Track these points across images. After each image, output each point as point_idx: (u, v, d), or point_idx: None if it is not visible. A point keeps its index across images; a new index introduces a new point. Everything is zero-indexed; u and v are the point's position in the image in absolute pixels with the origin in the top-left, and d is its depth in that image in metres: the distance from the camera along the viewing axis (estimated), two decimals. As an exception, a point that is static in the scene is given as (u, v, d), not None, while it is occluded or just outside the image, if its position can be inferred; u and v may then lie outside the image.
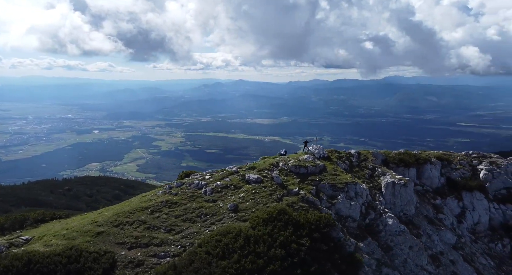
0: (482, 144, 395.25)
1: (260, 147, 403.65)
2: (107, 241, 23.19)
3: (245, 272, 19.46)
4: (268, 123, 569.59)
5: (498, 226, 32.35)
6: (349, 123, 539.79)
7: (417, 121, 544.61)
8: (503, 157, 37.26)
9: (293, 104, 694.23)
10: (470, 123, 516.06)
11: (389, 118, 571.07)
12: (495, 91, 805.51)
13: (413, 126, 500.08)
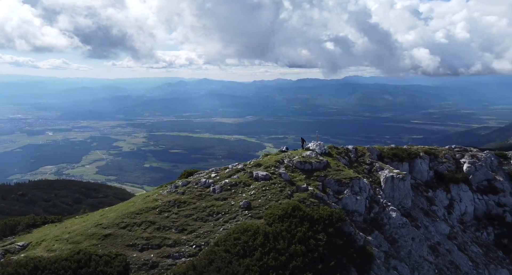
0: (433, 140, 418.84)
1: (226, 146, 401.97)
2: (116, 244, 22.19)
3: (269, 269, 19.34)
4: (234, 122, 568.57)
5: (482, 216, 34.54)
6: (312, 121, 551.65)
7: (375, 119, 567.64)
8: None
9: (258, 103, 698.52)
10: (423, 121, 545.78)
11: (350, 117, 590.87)
12: (443, 90, 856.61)
13: (372, 124, 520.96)
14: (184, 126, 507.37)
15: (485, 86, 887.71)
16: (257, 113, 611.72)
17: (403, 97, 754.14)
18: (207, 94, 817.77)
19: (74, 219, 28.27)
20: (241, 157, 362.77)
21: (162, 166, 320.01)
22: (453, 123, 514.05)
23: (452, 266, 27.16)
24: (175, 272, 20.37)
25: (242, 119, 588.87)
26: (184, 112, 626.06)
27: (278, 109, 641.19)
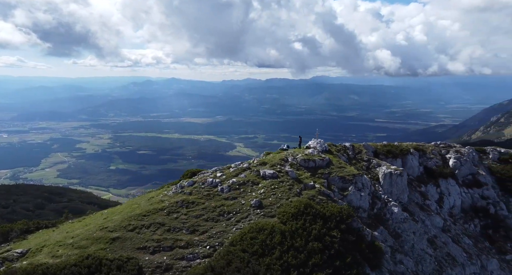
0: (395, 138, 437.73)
1: (195, 147, 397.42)
2: (125, 247, 21.36)
3: (290, 268, 19.29)
4: (203, 122, 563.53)
5: (468, 208, 36.31)
6: (282, 121, 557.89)
7: (342, 118, 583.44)
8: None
9: (227, 103, 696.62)
10: (386, 120, 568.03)
11: (318, 116, 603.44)
12: (404, 90, 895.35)
13: (339, 123, 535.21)
14: (152, 126, 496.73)
15: (441, 87, 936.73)
16: (227, 113, 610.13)
17: (367, 96, 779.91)
18: (175, 94, 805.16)
19: (70, 223, 26.89)
20: (212, 157, 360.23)
21: (129, 167, 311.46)
22: (413, 122, 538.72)
23: (449, 258, 28.36)
24: (191, 274, 19.87)
25: (212, 119, 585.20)
26: (152, 113, 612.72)
27: (248, 109, 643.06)
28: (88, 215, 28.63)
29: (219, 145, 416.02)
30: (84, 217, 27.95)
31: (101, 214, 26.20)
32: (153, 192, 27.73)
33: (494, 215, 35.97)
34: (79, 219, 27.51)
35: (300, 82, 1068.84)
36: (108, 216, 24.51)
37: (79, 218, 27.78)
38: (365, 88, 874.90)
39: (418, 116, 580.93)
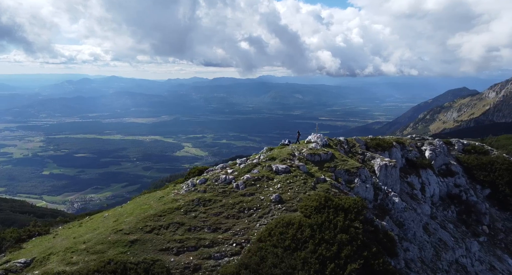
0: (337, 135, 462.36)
1: (140, 148, 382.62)
2: (146, 249, 20.12)
3: (326, 260, 19.35)
4: (148, 122, 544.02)
5: (445, 196, 39.17)
6: (230, 120, 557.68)
7: (288, 116, 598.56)
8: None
9: (173, 102, 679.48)
10: (328, 118, 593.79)
11: (265, 115, 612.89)
12: (344, 90, 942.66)
13: (285, 121, 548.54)
14: (91, 127, 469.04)
15: (376, 86, 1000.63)
16: (173, 113, 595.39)
17: (311, 96, 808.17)
18: (116, 93, 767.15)
19: (68, 228, 24.48)
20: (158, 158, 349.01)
21: (66, 172, 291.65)
22: (353, 119, 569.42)
23: (441, 243, 30.38)
24: (224, 272, 19.15)
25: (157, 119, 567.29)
26: (91, 113, 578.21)
27: (195, 108, 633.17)
28: (82, 219, 26.31)
29: (165, 146, 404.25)
30: (80, 221, 25.61)
31: (104, 217, 24.18)
32: (159, 191, 26.27)
33: (466, 201, 39.23)
34: (74, 223, 25.14)
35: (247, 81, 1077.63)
36: (118, 218, 22.73)
37: (73, 223, 25.37)
38: (309, 88, 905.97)
39: (357, 114, 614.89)
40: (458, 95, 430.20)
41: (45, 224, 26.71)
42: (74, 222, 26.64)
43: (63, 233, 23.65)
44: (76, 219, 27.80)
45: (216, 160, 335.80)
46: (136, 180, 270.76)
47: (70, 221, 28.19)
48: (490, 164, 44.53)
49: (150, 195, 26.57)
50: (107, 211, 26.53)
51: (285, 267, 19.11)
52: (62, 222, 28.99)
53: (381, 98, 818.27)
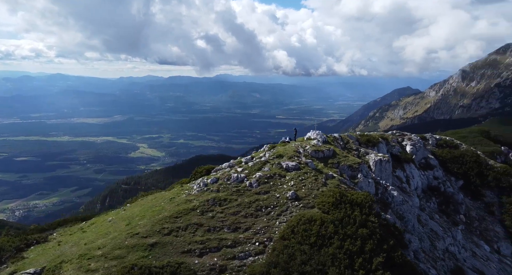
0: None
1: (91, 150, 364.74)
2: (168, 252, 19.16)
3: (353, 255, 19.33)
4: (99, 122, 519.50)
5: (426, 189, 41.20)
6: (187, 119, 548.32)
7: (246, 115, 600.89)
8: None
9: (127, 101, 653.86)
10: (285, 116, 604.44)
11: (223, 114, 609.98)
12: (300, 89, 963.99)
13: (243, 120, 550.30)
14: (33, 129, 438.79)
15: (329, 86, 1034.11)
16: (127, 112, 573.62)
17: (268, 95, 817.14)
18: (62, 91, 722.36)
19: (69, 235, 22.62)
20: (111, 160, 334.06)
21: (5, 177, 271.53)
22: (308, 118, 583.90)
23: (432, 233, 31.90)
24: (252, 272, 18.65)
25: (109, 119, 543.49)
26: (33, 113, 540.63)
27: (150, 108, 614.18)
28: (74, 225, 24.43)
29: (119, 147, 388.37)
30: (81, 227, 23.73)
31: (110, 222, 22.55)
32: (165, 192, 25.04)
33: (444, 193, 41.59)
34: (73, 229, 23.22)
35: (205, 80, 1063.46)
36: (130, 221, 21.30)
37: (71, 229, 23.40)
38: (266, 87, 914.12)
39: (312, 113, 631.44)
40: (403, 94, 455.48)
41: (38, 229, 24.37)
42: (72, 227, 24.64)
43: (67, 239, 21.76)
44: (69, 225, 25.70)
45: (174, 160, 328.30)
46: (87, 184, 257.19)
47: (59, 227, 26.01)
48: (461, 157, 47.67)
49: (155, 196, 25.24)
50: (104, 215, 24.87)
51: (315, 263, 19.02)
52: (49, 229, 26.68)
53: (334, 97, 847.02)
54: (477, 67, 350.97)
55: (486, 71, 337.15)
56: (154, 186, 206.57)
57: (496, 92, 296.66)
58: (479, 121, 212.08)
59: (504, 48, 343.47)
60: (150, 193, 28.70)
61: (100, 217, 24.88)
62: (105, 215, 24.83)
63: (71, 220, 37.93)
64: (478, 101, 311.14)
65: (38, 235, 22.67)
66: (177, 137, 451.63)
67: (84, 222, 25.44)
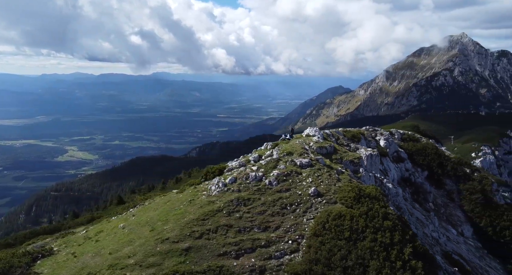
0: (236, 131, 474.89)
1: (9, 154, 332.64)
2: (204, 256, 18.45)
3: (387, 247, 19.77)
4: (19, 124, 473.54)
5: (400, 180, 44.05)
6: (123, 119, 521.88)
7: (186, 114, 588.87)
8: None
9: (51, 100, 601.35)
10: (226, 115, 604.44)
11: (162, 113, 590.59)
12: (240, 88, 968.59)
13: (183, 120, 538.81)
14: None
15: (268, 84, 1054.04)
16: (52, 112, 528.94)
17: (208, 93, 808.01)
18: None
19: (78, 245, 20.36)
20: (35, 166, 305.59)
21: None
22: (249, 116, 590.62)
23: (418, 221, 34.04)
24: (293, 271, 18.37)
25: (31, 120, 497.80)
26: None
27: (80, 107, 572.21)
28: (86, 234, 21.90)
29: (43, 150, 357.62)
30: (88, 236, 21.37)
31: (125, 229, 20.63)
32: (180, 195, 23.54)
33: (415, 183, 44.71)
34: (78, 239, 20.81)
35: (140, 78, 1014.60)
36: (153, 227, 19.83)
37: (76, 238, 20.92)
38: (206, 85, 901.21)
39: (252, 111, 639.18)
40: (336, 93, 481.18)
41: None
42: (70, 237, 22.13)
43: (80, 250, 19.53)
44: (68, 234, 23.05)
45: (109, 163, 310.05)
46: (4, 193, 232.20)
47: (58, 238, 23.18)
48: (424, 149, 51.63)
49: (170, 199, 23.58)
50: (106, 222, 22.66)
51: (355, 258, 19.21)
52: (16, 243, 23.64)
53: (273, 96, 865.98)
54: (398, 68, 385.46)
55: (405, 72, 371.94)
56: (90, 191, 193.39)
57: (414, 91, 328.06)
58: (402, 118, 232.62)
59: (419, 52, 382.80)
60: (148, 196, 26.80)
61: (104, 224, 22.70)
62: (107, 222, 22.72)
63: (40, 232, 34.14)
64: (400, 99, 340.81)
65: (40, 248, 19.97)
66: (111, 138, 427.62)
67: (85, 230, 23.02)
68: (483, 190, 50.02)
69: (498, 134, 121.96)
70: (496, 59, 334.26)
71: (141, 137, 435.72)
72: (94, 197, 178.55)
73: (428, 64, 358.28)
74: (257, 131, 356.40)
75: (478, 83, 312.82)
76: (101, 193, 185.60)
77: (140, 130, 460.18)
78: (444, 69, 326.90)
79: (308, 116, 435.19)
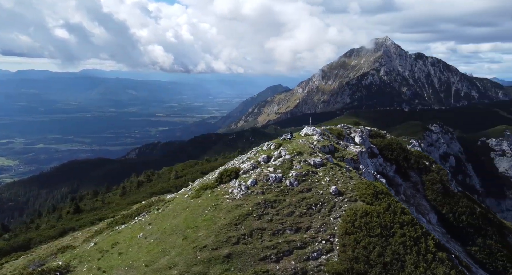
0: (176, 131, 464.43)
1: None
2: (246, 262, 18.30)
3: (416, 240, 20.59)
4: None
5: (376, 174, 46.55)
6: (47, 120, 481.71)
7: (122, 114, 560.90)
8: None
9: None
10: (166, 114, 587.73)
11: (94, 113, 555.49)
12: (179, 86, 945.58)
13: (119, 120, 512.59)
14: None
15: (209, 83, 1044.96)
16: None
17: (145, 92, 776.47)
18: None
19: (97, 260, 18.22)
20: None
21: None
22: (190, 115, 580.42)
23: (404, 213, 36.43)
24: (334, 270, 18.43)
25: None
26: None
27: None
28: (101, 246, 19.57)
29: None
30: (105, 249, 19.24)
31: (148, 239, 18.93)
32: (198, 200, 22.15)
33: (387, 176, 47.50)
34: (91, 253, 18.60)
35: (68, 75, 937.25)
36: (186, 235, 18.82)
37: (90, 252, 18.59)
38: (143, 83, 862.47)
39: (193, 110, 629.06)
40: (276, 91, 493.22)
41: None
42: (85, 252, 19.70)
43: (106, 265, 17.73)
44: (68, 248, 20.44)
45: (32, 168, 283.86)
46: None
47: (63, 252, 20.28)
48: (390, 145, 54.88)
49: (188, 204, 22.08)
50: (116, 233, 20.56)
51: (391, 253, 19.71)
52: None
53: (214, 94, 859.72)
54: (332, 68, 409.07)
55: (339, 72, 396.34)
56: (13, 200, 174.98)
57: (347, 90, 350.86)
58: (338, 114, 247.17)
59: (349, 53, 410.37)
60: (151, 202, 24.95)
61: (114, 235, 20.71)
62: (117, 233, 20.75)
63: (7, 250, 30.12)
64: (335, 97, 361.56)
65: (56, 268, 17.51)
66: (34, 141, 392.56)
67: (93, 243, 20.77)
68: (441, 180, 54.39)
69: (422, 129, 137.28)
70: (414, 61, 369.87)
71: (70, 139, 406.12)
72: (18, 207, 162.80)
73: (358, 65, 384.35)
74: (199, 131, 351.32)
75: (400, 82, 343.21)
76: (27, 202, 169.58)
77: (69, 132, 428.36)
78: (372, 69, 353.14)
79: (250, 115, 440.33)
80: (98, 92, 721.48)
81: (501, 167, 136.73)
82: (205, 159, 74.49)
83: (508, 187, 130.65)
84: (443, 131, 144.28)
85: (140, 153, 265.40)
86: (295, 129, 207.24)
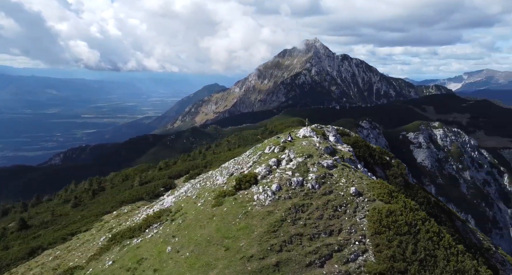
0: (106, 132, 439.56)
1: None
2: (295, 269, 18.47)
3: (437, 235, 21.70)
4: None
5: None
6: None
7: (41, 116, 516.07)
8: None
9: None
10: (93, 115, 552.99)
11: (5, 115, 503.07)
12: (108, 85, 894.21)
13: (37, 122, 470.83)
14: None
15: (141, 81, 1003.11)
16: None
17: (68, 91, 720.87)
18: None
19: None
20: None
21: None
22: (121, 115, 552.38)
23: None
24: (376, 271, 18.80)
25: None
26: None
27: None
28: (129, 265, 17.21)
29: None
30: (134, 267, 17.09)
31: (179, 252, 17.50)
32: (225, 208, 20.92)
33: (359, 174, 49.77)
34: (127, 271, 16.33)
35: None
36: (227, 246, 18.50)
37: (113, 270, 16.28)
38: (65, 82, 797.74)
39: (125, 110, 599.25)
40: (212, 90, 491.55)
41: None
42: (105, 271, 17.24)
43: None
44: (76, 268, 17.67)
45: None
46: None
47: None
48: (356, 142, 57.46)
49: (213, 213, 20.72)
50: (135, 248, 18.39)
51: (422, 249, 20.40)
52: None
53: (147, 93, 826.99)
54: (267, 67, 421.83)
55: (274, 72, 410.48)
56: None
57: (282, 89, 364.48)
58: (275, 113, 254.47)
59: (283, 53, 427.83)
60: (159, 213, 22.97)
61: (132, 251, 18.68)
62: (135, 248, 18.78)
63: None
64: (271, 96, 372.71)
65: None
66: None
67: (111, 261, 18.51)
68: (402, 173, 58.41)
69: (354, 125, 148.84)
70: (341, 62, 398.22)
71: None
72: None
73: (291, 65, 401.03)
74: (132, 132, 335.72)
75: (329, 82, 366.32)
76: None
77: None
78: (304, 70, 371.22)
79: (187, 114, 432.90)
80: (9, 92, 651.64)
81: (418, 157, 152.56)
82: (163, 162, 71.29)
83: (424, 175, 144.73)
84: (371, 127, 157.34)
85: (65, 157, 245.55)
86: (235, 129, 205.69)
